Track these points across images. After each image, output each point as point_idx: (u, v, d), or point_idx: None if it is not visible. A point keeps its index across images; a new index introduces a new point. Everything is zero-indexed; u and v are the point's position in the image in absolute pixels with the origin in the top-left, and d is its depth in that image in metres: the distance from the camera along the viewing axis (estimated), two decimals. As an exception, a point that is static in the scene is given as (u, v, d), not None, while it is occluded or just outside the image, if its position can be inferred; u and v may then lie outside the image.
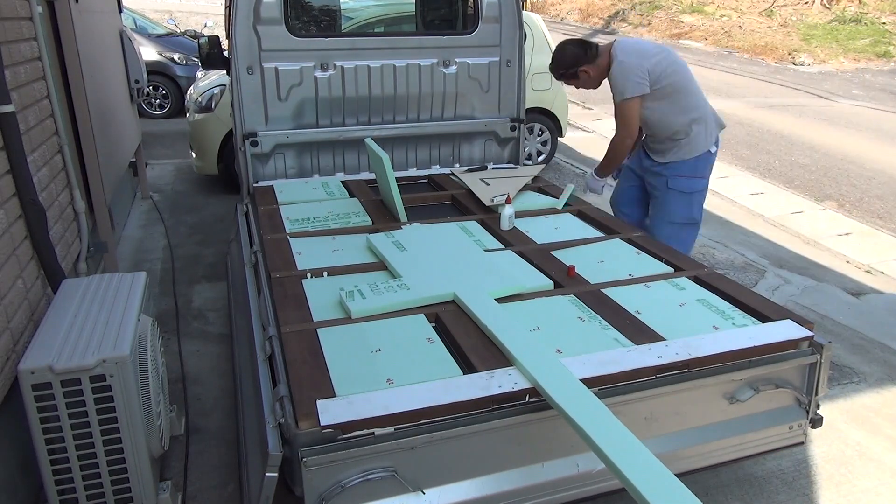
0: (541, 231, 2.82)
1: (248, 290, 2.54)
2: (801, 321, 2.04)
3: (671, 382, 1.82)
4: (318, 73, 3.53)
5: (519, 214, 2.94)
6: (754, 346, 1.91)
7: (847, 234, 5.00)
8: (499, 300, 2.13)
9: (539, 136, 6.49)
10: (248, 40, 3.36)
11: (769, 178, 6.42)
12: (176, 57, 8.71)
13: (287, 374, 1.74)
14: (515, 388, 1.68)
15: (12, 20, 2.59)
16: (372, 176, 3.50)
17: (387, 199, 3.02)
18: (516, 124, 3.94)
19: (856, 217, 5.41)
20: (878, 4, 16.48)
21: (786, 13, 17.15)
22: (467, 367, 1.79)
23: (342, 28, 5.25)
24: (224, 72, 3.92)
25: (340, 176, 3.72)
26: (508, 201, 2.87)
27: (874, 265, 4.44)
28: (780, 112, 9.36)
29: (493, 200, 3.08)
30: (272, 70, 3.45)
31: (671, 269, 2.43)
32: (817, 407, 2.04)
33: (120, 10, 5.30)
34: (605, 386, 1.75)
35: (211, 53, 3.71)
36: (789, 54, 14.20)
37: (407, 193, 3.17)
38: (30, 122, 2.64)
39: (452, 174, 3.69)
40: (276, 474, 1.55)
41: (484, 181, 3.40)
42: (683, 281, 2.32)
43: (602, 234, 2.81)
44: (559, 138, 6.64)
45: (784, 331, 1.99)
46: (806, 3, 17.38)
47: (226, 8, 3.66)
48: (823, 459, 2.55)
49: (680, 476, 1.42)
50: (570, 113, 6.88)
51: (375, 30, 5.71)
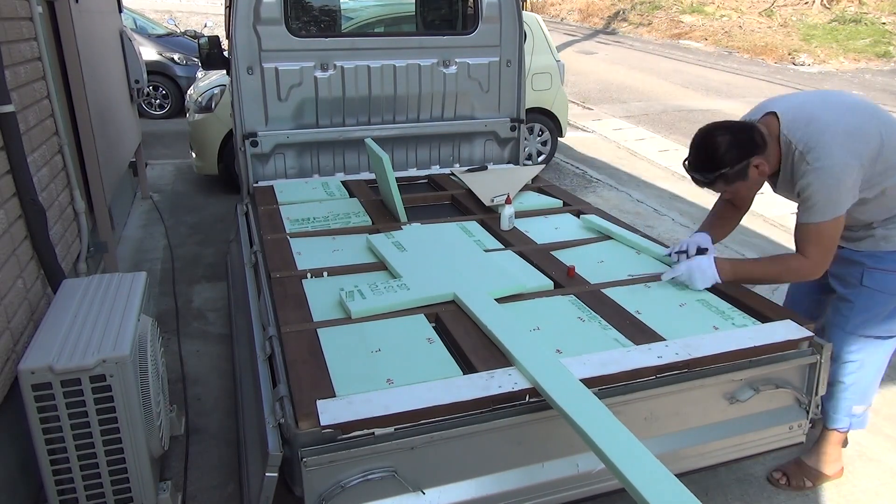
0: (541, 231, 2.82)
1: (248, 290, 2.54)
2: (802, 321, 2.04)
3: (671, 383, 1.82)
4: (319, 74, 3.53)
5: (519, 214, 2.94)
6: (754, 347, 1.91)
7: (847, 235, 4.99)
8: (499, 300, 2.13)
9: (539, 136, 6.49)
10: (248, 40, 3.36)
11: (769, 178, 6.41)
12: (176, 57, 8.72)
13: (287, 374, 1.74)
14: (515, 389, 1.68)
15: (12, 20, 2.59)
16: (372, 176, 3.50)
17: (387, 200, 3.02)
18: (516, 124, 3.94)
19: (856, 217, 5.40)
20: (878, 4, 16.48)
21: (786, 13, 17.15)
22: (467, 367, 1.79)
23: (342, 28, 5.25)
24: (224, 72, 3.92)
25: (340, 176, 3.72)
26: (508, 201, 2.87)
27: (874, 265, 4.44)
28: (780, 112, 9.34)
29: (493, 200, 3.08)
30: (272, 70, 3.45)
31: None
32: (817, 407, 2.05)
33: (120, 11, 5.30)
34: (605, 386, 1.75)
35: (211, 53, 3.71)
36: (789, 54, 14.21)
37: (407, 193, 3.17)
38: (30, 122, 2.64)
39: (452, 174, 3.69)
40: (276, 474, 1.55)
41: (484, 181, 3.39)
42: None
43: (602, 235, 2.81)
44: (559, 138, 6.64)
45: (784, 331, 1.99)
46: (806, 3, 17.38)
47: (226, 8, 3.66)
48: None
49: (680, 476, 1.42)
50: (570, 113, 6.88)
51: (375, 30, 5.71)
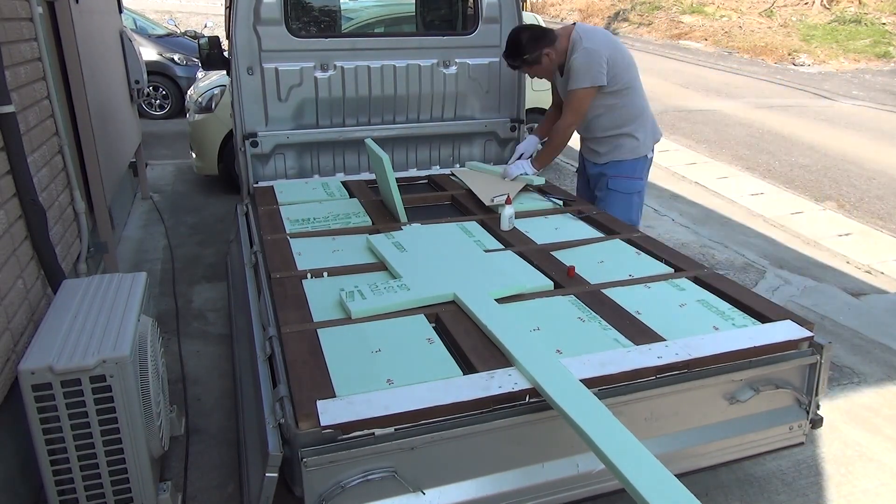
0: (541, 231, 2.82)
1: (248, 291, 2.54)
2: (802, 322, 2.04)
3: (671, 383, 1.82)
4: (319, 74, 3.53)
5: (519, 215, 2.94)
6: (754, 347, 1.91)
7: (847, 235, 5.00)
8: (499, 300, 2.13)
9: (539, 136, 6.48)
10: (248, 41, 3.36)
11: (769, 178, 6.43)
12: (176, 57, 8.72)
13: (287, 374, 1.74)
14: (515, 389, 1.68)
15: (12, 21, 2.59)
16: (372, 176, 3.50)
17: (387, 200, 3.02)
18: (516, 124, 3.94)
19: (856, 217, 5.41)
20: (878, 5, 16.48)
21: (786, 13, 17.15)
22: (467, 367, 1.79)
23: (342, 28, 5.25)
24: (224, 72, 3.92)
25: (340, 176, 3.72)
26: (508, 202, 2.87)
27: (874, 265, 4.44)
28: (780, 112, 9.36)
29: (492, 200, 3.08)
30: (272, 70, 3.45)
31: (671, 270, 2.43)
32: (817, 407, 2.05)
33: (120, 11, 5.31)
34: (605, 386, 1.75)
35: (211, 54, 3.71)
36: (789, 55, 14.21)
37: (407, 194, 3.17)
38: (30, 123, 2.64)
39: (453, 174, 3.69)
40: (276, 474, 1.55)
41: (484, 181, 3.39)
42: (683, 281, 2.32)
43: (602, 235, 2.81)
44: (559, 138, 6.63)
45: (784, 331, 1.99)
46: (806, 3, 17.39)
47: (226, 8, 3.66)
48: (823, 460, 2.55)
49: (680, 476, 1.42)
50: (570, 113, 6.87)
51: (375, 30, 5.71)
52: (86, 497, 1.93)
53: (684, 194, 5.87)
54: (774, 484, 2.44)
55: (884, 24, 15.52)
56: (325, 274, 2.36)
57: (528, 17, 6.07)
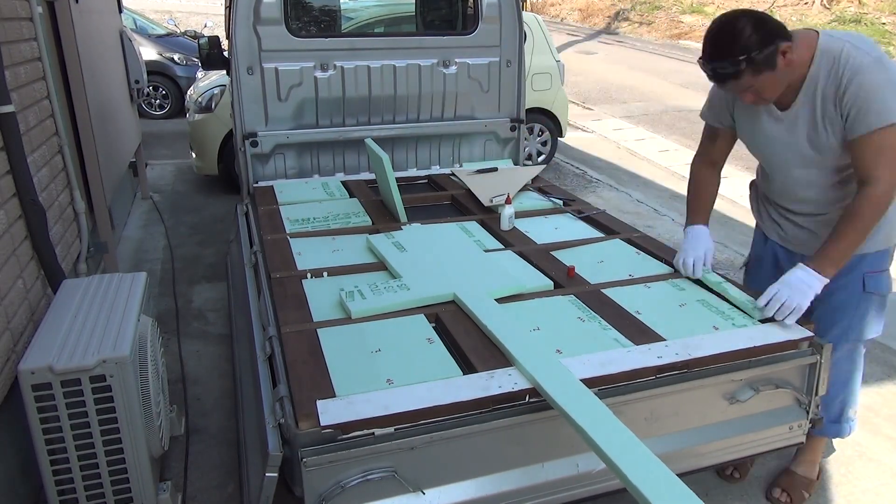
0: (541, 231, 2.82)
1: (248, 291, 2.54)
2: (802, 321, 2.03)
3: (671, 383, 1.82)
4: (319, 74, 3.53)
5: (519, 214, 2.94)
6: (754, 347, 1.91)
7: (847, 235, 4.99)
8: (499, 300, 2.12)
9: (539, 136, 6.49)
10: (248, 40, 3.36)
11: (769, 178, 6.42)
12: (176, 57, 8.72)
13: (287, 374, 1.74)
14: (515, 389, 1.68)
15: (12, 20, 2.60)
16: (372, 176, 3.50)
17: (387, 200, 3.02)
18: (516, 124, 3.94)
19: (856, 217, 5.40)
20: (877, 4, 16.48)
21: (786, 13, 17.15)
22: (467, 367, 1.79)
23: (342, 28, 5.25)
24: (224, 72, 3.92)
25: (340, 176, 3.72)
26: (508, 201, 2.87)
27: (874, 265, 4.44)
28: (780, 112, 9.34)
29: (492, 201, 3.08)
30: (272, 70, 3.45)
31: (671, 270, 2.43)
32: (817, 407, 2.04)
33: (120, 11, 5.31)
34: (605, 386, 1.75)
35: (211, 54, 3.71)
36: (789, 54, 14.18)
37: (407, 193, 3.17)
38: (30, 123, 2.64)
39: (453, 174, 3.69)
40: (276, 474, 1.55)
41: (484, 181, 3.39)
42: (683, 281, 2.32)
43: (602, 235, 2.81)
44: (559, 138, 6.65)
45: (784, 331, 1.98)
46: (806, 3, 17.39)
47: (226, 8, 3.66)
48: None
49: (680, 476, 1.42)
50: (570, 113, 6.88)
51: (375, 30, 5.71)
52: (86, 497, 1.93)
53: (684, 194, 5.88)
54: (774, 484, 2.44)
55: (884, 23, 15.52)
56: (325, 274, 2.36)
57: (529, 18, 6.08)
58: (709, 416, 1.93)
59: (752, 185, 2.48)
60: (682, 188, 6.15)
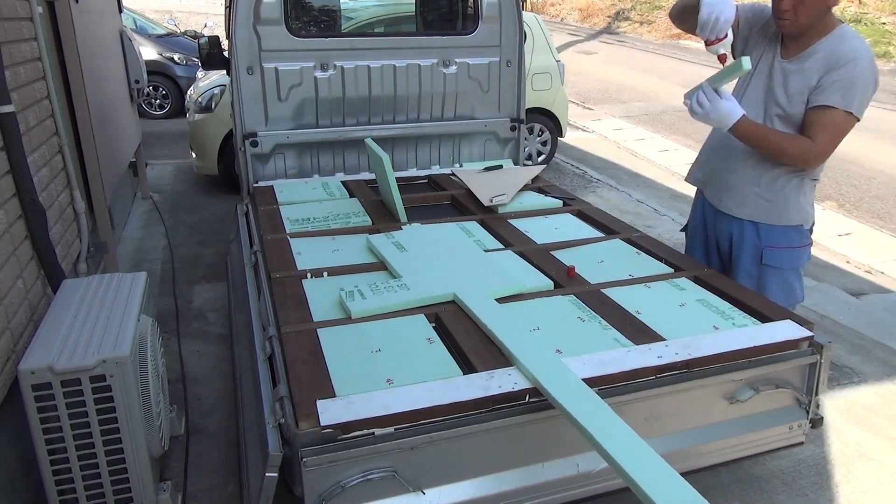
0: (541, 231, 2.82)
1: (248, 291, 2.54)
2: (801, 321, 2.04)
3: (671, 383, 1.82)
4: (319, 74, 3.53)
5: (518, 214, 2.94)
6: (754, 347, 1.91)
7: (847, 235, 5.00)
8: (499, 300, 2.13)
9: (539, 136, 6.49)
10: (248, 40, 3.36)
11: (769, 178, 6.42)
12: (176, 57, 8.72)
13: (287, 374, 1.74)
14: (515, 388, 1.68)
15: (12, 20, 2.59)
16: (372, 176, 3.50)
17: (387, 200, 3.02)
18: (516, 124, 3.94)
19: (856, 217, 5.41)
20: (878, 4, 16.47)
21: (786, 13, 17.12)
22: (467, 367, 1.79)
23: (342, 28, 5.25)
24: (224, 72, 3.92)
25: (340, 176, 3.72)
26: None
27: (874, 265, 4.44)
28: (780, 112, 9.34)
29: (492, 200, 3.08)
30: (272, 70, 3.45)
31: (671, 270, 2.43)
32: (817, 407, 2.05)
33: (120, 11, 5.31)
34: (605, 386, 1.75)
35: (211, 53, 3.71)
36: (789, 54, 14.18)
37: (407, 193, 3.17)
38: (30, 123, 2.64)
39: (453, 174, 3.69)
40: (276, 474, 1.55)
41: (483, 181, 3.39)
42: (683, 281, 2.32)
43: (602, 235, 2.81)
44: (559, 138, 6.65)
45: (784, 331, 1.99)
46: (806, 3, 17.36)
47: (226, 8, 3.66)
48: (823, 460, 2.55)
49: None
50: (570, 113, 6.89)
51: (375, 30, 5.71)
52: (86, 497, 1.93)
53: (685, 193, 5.87)
54: (774, 484, 2.44)
55: (884, 23, 15.52)
56: (325, 274, 2.36)
57: (528, 18, 6.08)
58: (709, 416, 1.93)
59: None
60: (683, 188, 6.16)
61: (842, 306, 3.83)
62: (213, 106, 5.31)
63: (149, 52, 8.08)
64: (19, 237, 2.35)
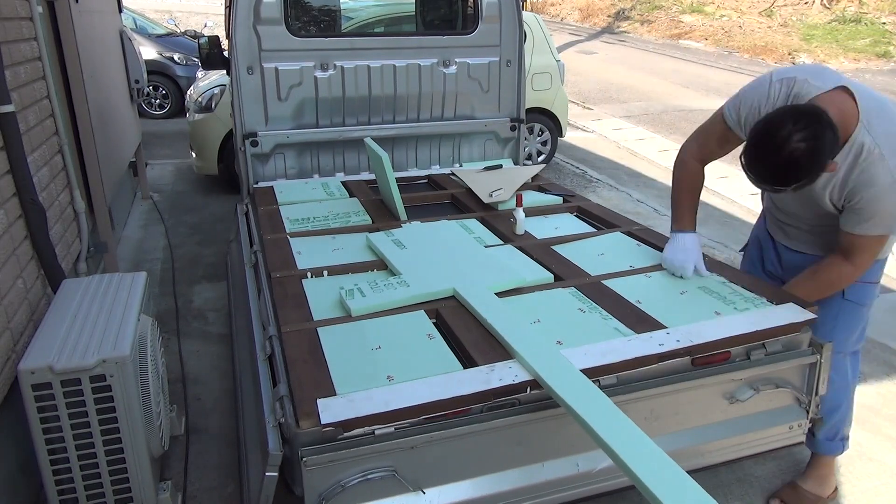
0: (541, 230, 2.81)
1: (248, 290, 2.54)
2: (804, 304, 2.02)
3: (671, 383, 1.82)
4: (319, 73, 3.53)
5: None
6: (756, 331, 1.90)
7: (847, 234, 4.99)
8: (499, 294, 2.12)
9: (539, 136, 6.49)
10: (248, 40, 3.36)
11: (769, 177, 6.41)
12: (176, 57, 8.72)
13: (287, 373, 1.73)
14: (516, 381, 1.67)
15: (12, 20, 2.59)
16: (372, 176, 3.50)
17: (387, 199, 3.02)
18: (516, 124, 3.94)
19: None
20: (878, 4, 16.48)
21: (786, 13, 17.15)
22: (468, 361, 1.79)
23: (342, 28, 5.25)
24: (224, 72, 3.92)
25: (340, 176, 3.72)
26: (519, 203, 2.76)
27: (874, 265, 4.43)
28: (780, 112, 9.34)
29: (491, 195, 3.08)
30: (272, 70, 3.45)
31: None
32: (817, 407, 2.04)
33: (120, 10, 5.31)
34: (606, 375, 1.75)
35: (211, 53, 3.71)
36: (789, 54, 14.21)
37: (407, 193, 3.17)
38: (30, 122, 2.64)
39: (452, 174, 3.69)
40: (276, 474, 1.55)
41: (483, 180, 3.39)
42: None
43: (602, 229, 2.81)
44: (559, 138, 6.65)
45: (787, 314, 1.97)
46: (806, 3, 17.39)
47: (226, 8, 3.66)
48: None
49: (680, 475, 1.42)
50: (570, 113, 6.88)
51: (375, 30, 5.71)
52: (86, 497, 1.93)
53: (684, 194, 5.87)
54: (775, 483, 2.44)
55: (884, 23, 15.52)
56: (325, 273, 2.36)
57: (528, 17, 6.08)
58: (709, 415, 1.93)
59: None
60: (683, 188, 6.09)
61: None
62: (213, 106, 5.31)
63: (149, 52, 8.08)
64: (19, 237, 2.35)
